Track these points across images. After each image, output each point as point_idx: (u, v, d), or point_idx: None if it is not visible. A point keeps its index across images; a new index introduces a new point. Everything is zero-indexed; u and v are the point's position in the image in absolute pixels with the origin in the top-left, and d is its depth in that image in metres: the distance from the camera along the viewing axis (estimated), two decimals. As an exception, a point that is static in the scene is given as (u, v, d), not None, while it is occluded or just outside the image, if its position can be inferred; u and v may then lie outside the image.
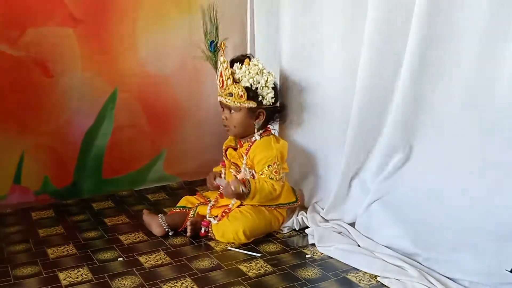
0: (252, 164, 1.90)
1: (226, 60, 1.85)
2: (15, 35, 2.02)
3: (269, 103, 1.89)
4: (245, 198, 1.82)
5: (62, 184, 2.23)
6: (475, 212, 1.53)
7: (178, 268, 1.64)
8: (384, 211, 1.77)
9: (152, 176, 2.43)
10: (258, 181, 1.84)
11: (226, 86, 1.85)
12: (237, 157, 1.96)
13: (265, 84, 1.87)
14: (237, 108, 1.87)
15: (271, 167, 1.85)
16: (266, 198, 1.85)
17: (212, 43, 1.91)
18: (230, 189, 1.79)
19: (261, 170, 1.87)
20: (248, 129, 1.92)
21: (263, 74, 1.87)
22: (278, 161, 1.87)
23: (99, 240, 1.85)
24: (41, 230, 1.93)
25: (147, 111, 2.34)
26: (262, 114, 1.91)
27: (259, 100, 1.87)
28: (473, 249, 1.51)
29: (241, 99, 1.84)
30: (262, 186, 1.83)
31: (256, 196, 1.82)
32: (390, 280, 1.53)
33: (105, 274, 1.59)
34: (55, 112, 2.15)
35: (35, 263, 1.66)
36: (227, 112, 1.91)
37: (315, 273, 1.61)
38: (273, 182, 1.84)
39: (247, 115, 1.89)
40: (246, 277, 1.58)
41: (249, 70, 1.85)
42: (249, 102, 1.85)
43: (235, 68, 1.86)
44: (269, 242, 1.85)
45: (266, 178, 1.85)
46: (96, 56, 2.18)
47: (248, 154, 1.90)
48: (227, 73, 1.84)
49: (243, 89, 1.84)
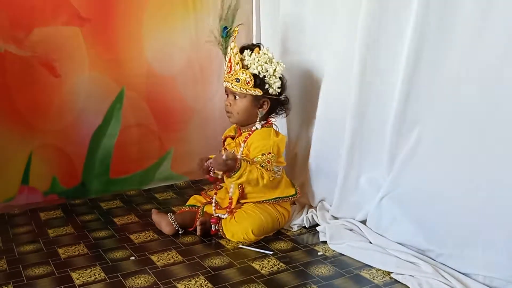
0: (248, 153, 1.89)
1: (236, 46, 1.85)
2: (22, 35, 2.02)
3: (275, 92, 1.88)
4: (232, 173, 1.78)
5: (71, 184, 2.22)
6: (484, 207, 1.53)
7: (191, 266, 1.64)
8: (395, 208, 1.76)
9: (160, 176, 2.43)
10: (250, 164, 1.82)
11: (234, 72, 1.84)
12: (234, 145, 1.95)
13: (273, 73, 1.86)
14: (242, 95, 1.87)
15: (265, 155, 1.84)
16: (252, 183, 1.82)
17: (225, 28, 1.92)
18: (220, 159, 1.76)
19: (254, 157, 1.85)
20: (251, 118, 1.92)
21: (272, 63, 1.87)
22: (273, 153, 1.85)
23: (109, 240, 1.84)
24: (51, 230, 1.92)
25: (154, 111, 2.34)
26: (266, 103, 1.90)
27: (265, 88, 1.86)
28: (485, 244, 1.50)
29: (247, 85, 1.84)
30: (252, 169, 1.80)
31: (243, 177, 1.78)
32: (404, 276, 1.53)
33: (118, 274, 1.59)
34: (62, 112, 2.15)
35: (47, 263, 1.66)
36: (231, 98, 1.90)
37: (328, 270, 1.61)
38: (264, 171, 1.82)
39: (252, 103, 1.88)
40: (259, 274, 1.58)
41: (258, 58, 1.85)
42: (255, 90, 1.85)
43: (245, 55, 1.86)
44: (280, 240, 1.85)
45: (257, 165, 1.84)
46: (103, 55, 2.17)
47: (246, 141, 1.89)
48: (236, 58, 1.83)
49: (250, 76, 1.83)
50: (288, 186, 1.97)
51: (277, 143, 1.88)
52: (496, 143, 1.51)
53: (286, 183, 1.96)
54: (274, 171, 1.87)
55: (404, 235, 1.71)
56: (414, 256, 1.61)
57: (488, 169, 1.53)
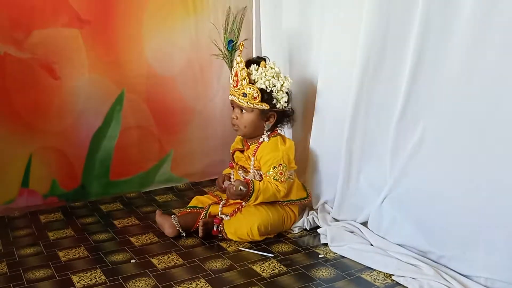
0: (259, 166, 1.90)
1: (242, 60, 1.85)
2: (21, 37, 2.01)
3: (282, 107, 1.89)
4: (248, 199, 1.81)
5: (70, 186, 2.22)
6: (484, 208, 1.53)
7: (192, 269, 1.63)
8: (395, 209, 1.76)
9: (160, 178, 2.42)
10: (263, 182, 1.83)
11: (241, 86, 1.84)
12: (244, 159, 1.96)
13: (280, 88, 1.87)
14: (249, 109, 1.87)
15: (276, 168, 1.85)
16: (271, 199, 1.85)
17: (230, 42, 1.92)
18: (232, 189, 1.78)
19: (266, 171, 1.86)
20: (258, 130, 1.92)
21: (279, 78, 1.87)
22: (284, 163, 1.86)
23: (110, 242, 1.84)
24: (51, 233, 1.92)
25: (154, 112, 2.34)
26: (273, 117, 1.90)
27: (273, 103, 1.87)
28: (486, 246, 1.50)
29: (255, 100, 1.84)
30: (267, 187, 1.82)
31: (260, 197, 1.81)
32: (406, 278, 1.52)
33: (119, 276, 1.58)
34: (62, 114, 2.14)
35: (47, 266, 1.65)
36: (237, 112, 1.90)
37: (330, 272, 1.61)
38: (278, 184, 1.83)
39: (259, 117, 1.88)
40: (260, 277, 1.58)
41: (265, 72, 1.85)
42: (263, 104, 1.85)
43: (252, 69, 1.86)
44: (281, 242, 1.84)
45: (270, 179, 1.84)
46: (103, 57, 2.17)
47: (256, 155, 1.90)
48: (243, 73, 1.83)
49: (258, 91, 1.83)
50: (300, 189, 1.98)
51: (286, 152, 1.89)
52: (496, 143, 1.50)
53: (298, 187, 1.97)
54: (289, 177, 1.88)
55: (405, 236, 1.70)
56: (415, 258, 1.60)
57: (488, 169, 1.53)
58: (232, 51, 1.93)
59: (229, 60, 1.94)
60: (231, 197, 1.83)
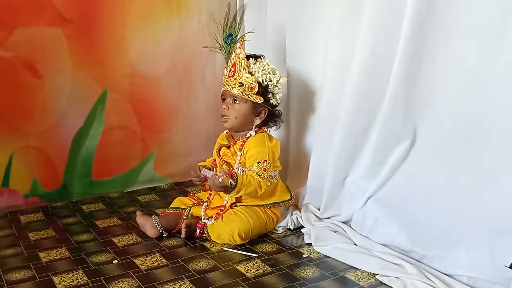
0: (245, 162, 1.89)
1: (243, 51, 1.87)
2: (3, 35, 1.99)
3: (275, 102, 1.90)
4: (230, 191, 1.80)
5: (52, 186, 2.19)
6: (466, 207, 1.54)
7: (175, 269, 1.62)
8: (379, 209, 1.77)
9: (142, 178, 2.40)
10: (246, 176, 1.83)
11: (238, 76, 1.85)
12: (230, 154, 1.95)
13: (276, 83, 1.88)
14: (243, 100, 1.87)
15: (261, 164, 1.85)
16: (252, 194, 1.83)
17: (230, 36, 1.97)
18: (217, 181, 1.76)
19: (250, 165, 1.86)
20: (247, 124, 1.92)
21: (275, 74, 1.89)
22: (268, 160, 1.86)
23: (92, 243, 1.82)
24: (32, 234, 1.89)
25: (138, 112, 2.32)
26: (264, 112, 1.91)
27: (267, 97, 1.88)
28: (467, 245, 1.51)
29: (251, 91, 1.85)
30: (250, 181, 1.81)
31: (242, 191, 1.80)
32: (390, 278, 1.53)
33: (101, 277, 1.56)
34: (44, 114, 2.12)
35: (28, 267, 1.62)
36: (229, 102, 1.90)
37: (314, 272, 1.61)
38: (260, 179, 1.83)
39: (251, 109, 1.89)
40: (244, 277, 1.57)
41: (263, 67, 1.87)
42: (257, 97, 1.86)
43: (250, 62, 1.87)
44: (265, 242, 1.84)
45: (253, 173, 1.84)
46: (86, 56, 2.15)
47: (243, 148, 1.90)
48: (242, 63, 1.84)
49: (256, 81, 1.84)
50: (284, 191, 1.97)
51: (272, 149, 1.89)
52: (479, 145, 1.52)
53: (282, 188, 1.97)
54: (272, 177, 1.88)
55: (388, 236, 1.71)
56: (398, 258, 1.61)
57: (471, 170, 1.55)
58: (231, 44, 1.98)
59: (227, 52, 1.98)
60: (214, 188, 1.81)
